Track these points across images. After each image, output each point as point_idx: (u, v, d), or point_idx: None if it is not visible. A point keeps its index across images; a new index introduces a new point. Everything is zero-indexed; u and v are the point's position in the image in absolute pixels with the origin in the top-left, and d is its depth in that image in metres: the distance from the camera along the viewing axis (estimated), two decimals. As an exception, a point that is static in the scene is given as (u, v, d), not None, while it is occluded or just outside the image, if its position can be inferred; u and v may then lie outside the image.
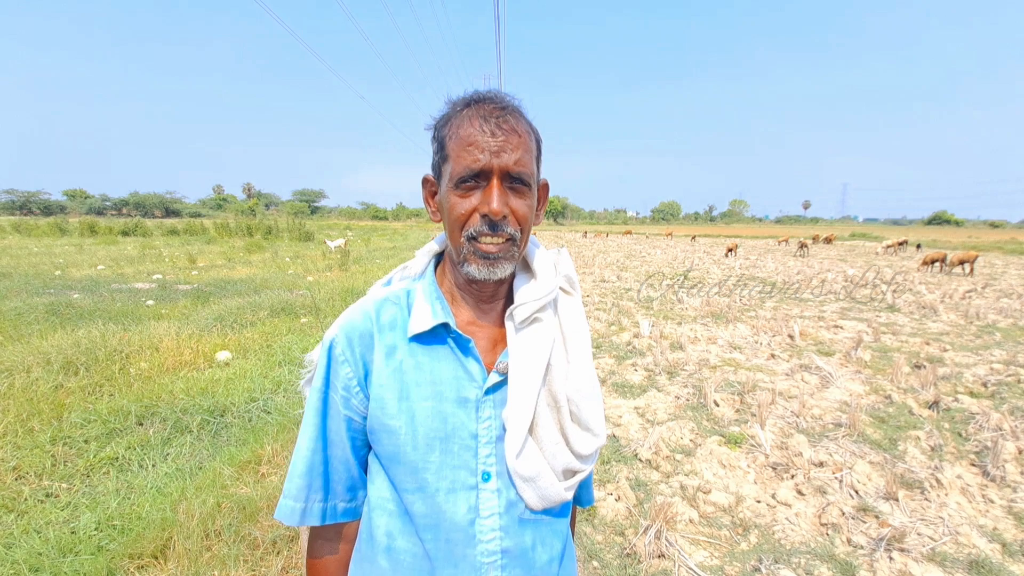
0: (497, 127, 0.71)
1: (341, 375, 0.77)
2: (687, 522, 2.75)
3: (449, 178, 0.74)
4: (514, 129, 0.73)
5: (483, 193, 0.72)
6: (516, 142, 0.72)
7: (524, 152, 0.73)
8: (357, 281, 9.99)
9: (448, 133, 0.74)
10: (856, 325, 7.49)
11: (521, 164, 0.73)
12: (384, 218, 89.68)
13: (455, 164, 0.72)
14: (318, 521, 0.78)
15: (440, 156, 0.76)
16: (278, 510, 0.78)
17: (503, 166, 0.71)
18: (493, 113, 0.72)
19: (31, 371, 4.18)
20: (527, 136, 0.75)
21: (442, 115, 0.78)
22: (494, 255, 0.74)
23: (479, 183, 0.72)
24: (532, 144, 0.76)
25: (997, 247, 26.74)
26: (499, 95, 0.76)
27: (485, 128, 0.71)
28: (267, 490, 2.73)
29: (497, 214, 0.71)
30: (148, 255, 15.96)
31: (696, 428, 3.85)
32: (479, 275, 0.75)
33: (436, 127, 0.78)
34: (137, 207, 77.16)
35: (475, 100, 0.75)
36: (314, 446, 0.77)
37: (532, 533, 0.78)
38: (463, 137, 0.72)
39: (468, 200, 0.73)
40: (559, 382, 0.78)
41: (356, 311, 0.80)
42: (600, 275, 13.41)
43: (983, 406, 4.23)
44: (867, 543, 2.56)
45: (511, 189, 0.73)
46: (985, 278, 13.55)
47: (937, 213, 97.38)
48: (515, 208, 0.74)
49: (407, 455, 0.74)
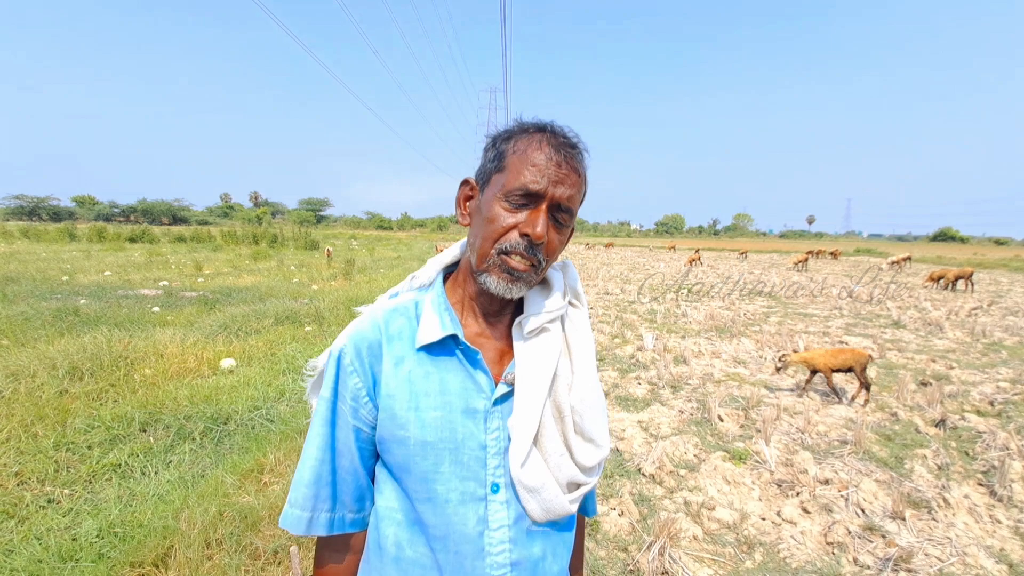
0: (564, 160, 0.75)
1: (350, 385, 0.77)
2: (691, 539, 2.72)
3: (501, 188, 0.76)
4: (576, 169, 0.76)
5: (530, 214, 0.75)
6: (575, 180, 0.76)
7: (577, 191, 0.77)
8: (361, 290, 10.02)
9: (513, 147, 0.76)
10: (861, 341, 7.44)
11: (572, 201, 0.76)
12: (389, 228, 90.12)
13: (512, 178, 0.74)
14: (324, 531, 0.78)
15: (495, 165, 0.78)
16: (283, 518, 0.78)
17: (557, 196, 0.74)
18: (563, 146, 0.75)
19: (36, 376, 4.19)
20: (582, 179, 0.78)
21: (508, 129, 0.80)
22: (518, 273, 0.75)
23: (528, 204, 0.75)
24: (583, 188, 0.80)
25: (1002, 264, 26.60)
26: (571, 132, 0.79)
27: (553, 156, 0.74)
28: (269, 499, 2.72)
29: (540, 237, 0.73)
30: (155, 262, 16.07)
31: (700, 443, 3.83)
32: (495, 288, 0.76)
33: (498, 138, 0.80)
34: (145, 214, 77.83)
35: (550, 129, 0.78)
36: (322, 456, 0.78)
37: (541, 544, 0.79)
38: (529, 157, 0.74)
39: (513, 216, 0.75)
40: (564, 393, 0.79)
41: (365, 321, 0.81)
42: (604, 287, 13.41)
43: (990, 425, 4.19)
44: (874, 563, 2.52)
45: (554, 220, 0.76)
46: (991, 295, 13.47)
47: (942, 229, 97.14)
48: (551, 239, 0.76)
49: (417, 465, 0.75)
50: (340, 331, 0.84)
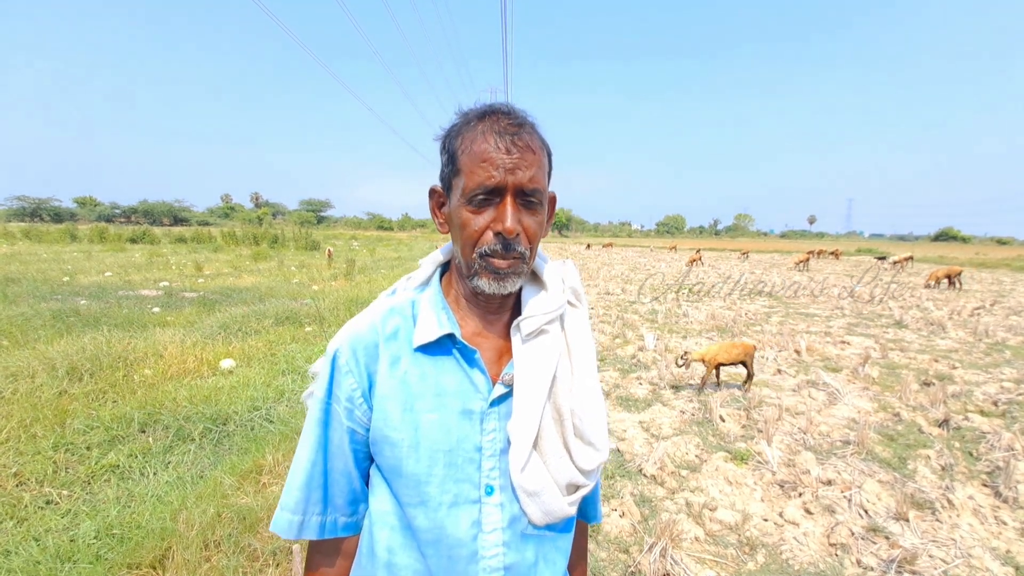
0: (512, 144, 0.70)
1: (344, 386, 0.75)
2: (693, 540, 2.70)
3: (461, 193, 0.73)
4: (528, 145, 0.72)
5: (497, 210, 0.72)
6: (531, 159, 0.72)
7: (538, 169, 0.73)
8: (362, 291, 10.01)
9: (460, 146, 0.73)
10: (863, 341, 7.42)
11: (535, 181, 0.72)
12: (390, 228, 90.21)
13: (468, 179, 0.71)
14: (316, 535, 0.77)
15: (451, 169, 0.75)
16: (274, 522, 0.77)
17: (517, 183, 0.71)
18: (508, 129, 0.71)
19: (36, 376, 4.19)
20: (541, 152, 0.74)
21: (453, 126, 0.77)
22: (505, 271, 0.73)
23: (492, 199, 0.72)
24: (545, 160, 0.76)
25: (1005, 264, 26.52)
26: (514, 109, 0.75)
27: (500, 144, 0.70)
28: (268, 500, 2.71)
29: (511, 233, 0.71)
30: (155, 262, 16.09)
31: (702, 444, 3.80)
32: (488, 289, 0.75)
33: (446, 138, 0.77)
34: (146, 215, 77.97)
35: (489, 113, 0.74)
36: (314, 458, 0.76)
37: (535, 549, 0.77)
38: (477, 152, 0.71)
39: (481, 216, 0.72)
40: (564, 395, 0.77)
41: (361, 322, 0.79)
42: (604, 287, 13.39)
43: (994, 425, 4.16)
44: (877, 565, 2.50)
45: (524, 205, 0.73)
46: (993, 295, 13.43)
47: (944, 229, 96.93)
48: (527, 225, 0.73)
49: (409, 468, 0.73)
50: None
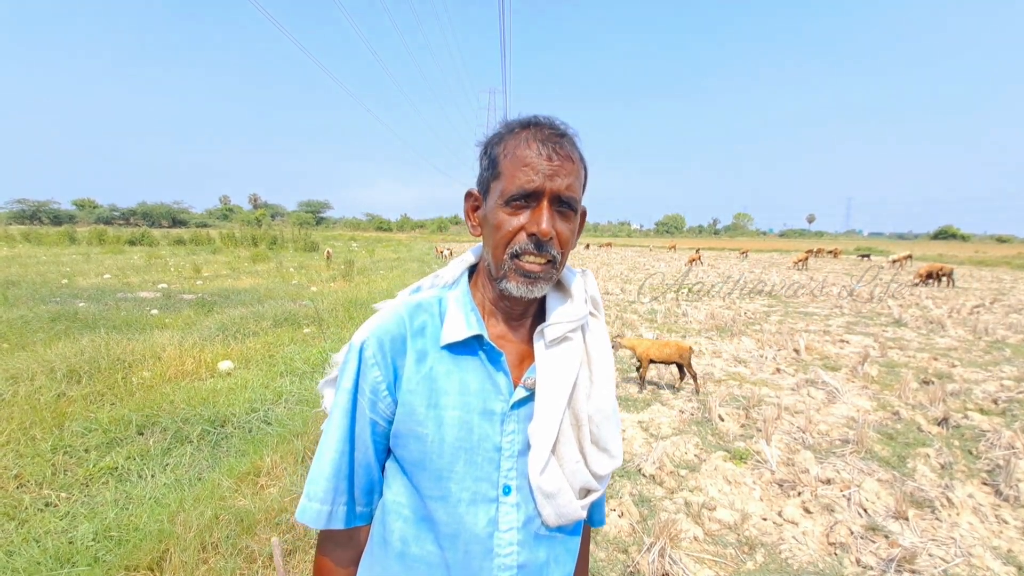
0: (554, 151, 0.74)
1: (370, 378, 0.77)
2: (692, 540, 2.69)
3: (500, 195, 0.76)
4: (569, 156, 0.76)
5: (532, 213, 0.75)
6: (569, 168, 0.75)
7: (575, 179, 0.76)
8: (361, 292, 10.01)
9: (503, 152, 0.77)
10: (862, 340, 7.42)
11: (572, 190, 0.75)
12: (388, 229, 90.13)
13: (508, 182, 0.75)
14: (343, 524, 0.79)
15: (491, 173, 0.78)
16: (301, 512, 0.78)
17: (555, 189, 0.74)
18: (551, 138, 0.75)
19: (35, 379, 4.18)
20: (579, 164, 0.78)
21: (496, 133, 0.80)
22: (535, 274, 0.76)
23: (529, 203, 0.75)
24: (582, 172, 0.79)
25: (1005, 262, 26.54)
26: (557, 121, 0.79)
27: (542, 151, 0.73)
28: (265, 502, 2.70)
29: (546, 234, 0.73)
30: (154, 264, 16.08)
31: (701, 443, 3.80)
32: (517, 292, 0.77)
33: (489, 144, 0.80)
34: (145, 217, 77.87)
35: (534, 123, 0.77)
36: (342, 448, 0.78)
37: (547, 550, 0.79)
38: (519, 157, 0.74)
39: (517, 218, 0.75)
40: (582, 402, 0.80)
41: (388, 315, 0.81)
42: (604, 287, 13.37)
43: (994, 423, 4.16)
44: (877, 564, 2.50)
45: (559, 212, 0.76)
46: (993, 293, 13.43)
47: (943, 227, 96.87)
48: (560, 231, 0.76)
49: (433, 462, 0.75)
50: (340, 333, 0.83)
